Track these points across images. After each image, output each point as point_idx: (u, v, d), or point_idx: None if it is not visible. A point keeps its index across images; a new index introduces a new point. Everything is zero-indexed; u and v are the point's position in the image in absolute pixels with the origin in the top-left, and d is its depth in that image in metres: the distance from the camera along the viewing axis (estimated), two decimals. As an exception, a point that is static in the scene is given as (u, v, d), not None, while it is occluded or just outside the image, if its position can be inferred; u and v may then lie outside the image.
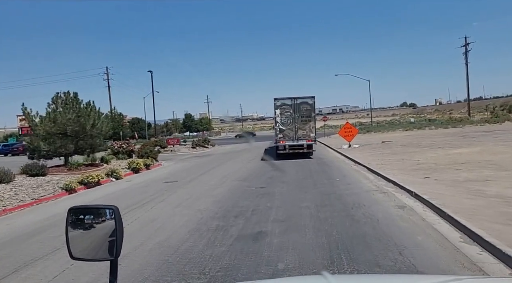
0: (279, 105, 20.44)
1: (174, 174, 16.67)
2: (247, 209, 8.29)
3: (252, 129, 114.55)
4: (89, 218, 1.61)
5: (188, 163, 22.75)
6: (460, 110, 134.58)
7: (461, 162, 12.80)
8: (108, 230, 1.55)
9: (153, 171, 19.26)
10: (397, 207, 7.76)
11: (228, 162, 21.22)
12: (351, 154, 19.60)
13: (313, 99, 20.50)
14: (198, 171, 17.04)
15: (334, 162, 17.56)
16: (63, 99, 16.68)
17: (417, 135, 31.69)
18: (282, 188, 11.03)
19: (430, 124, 43.32)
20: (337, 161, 18.23)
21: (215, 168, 18.33)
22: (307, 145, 20.24)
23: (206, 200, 9.74)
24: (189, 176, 15.30)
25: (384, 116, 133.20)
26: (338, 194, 9.56)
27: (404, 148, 20.39)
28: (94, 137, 16.69)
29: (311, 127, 20.32)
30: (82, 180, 13.59)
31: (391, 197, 8.79)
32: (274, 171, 15.19)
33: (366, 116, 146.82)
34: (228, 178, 13.95)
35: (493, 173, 10.25)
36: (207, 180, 13.68)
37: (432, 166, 12.43)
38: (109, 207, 1.57)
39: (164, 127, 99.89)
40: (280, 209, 8.19)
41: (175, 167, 20.19)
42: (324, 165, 16.38)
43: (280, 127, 20.45)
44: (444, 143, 21.32)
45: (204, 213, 8.12)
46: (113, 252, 1.52)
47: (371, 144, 25.37)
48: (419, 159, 14.55)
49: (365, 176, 12.51)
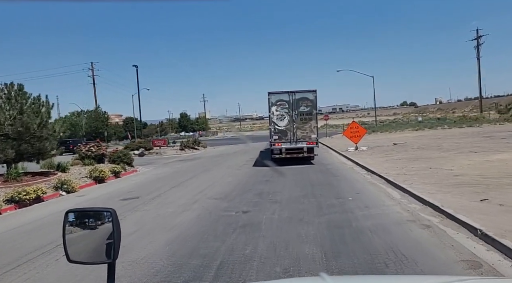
0: (275, 101, 17.15)
1: (142, 186, 13.42)
2: (211, 261, 5.05)
3: (250, 129, 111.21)
4: (87, 221, 1.63)
5: (169, 168, 19.49)
6: (464, 108, 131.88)
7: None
8: (106, 233, 1.54)
9: (122, 180, 15.99)
10: (466, 264, 4.51)
11: (214, 168, 17.95)
12: (361, 158, 16.36)
13: (314, 93, 17.14)
14: (173, 182, 13.77)
15: (341, 170, 14.31)
16: (5, 92, 13.41)
17: (431, 136, 28.36)
18: (273, 213, 7.78)
19: (442, 123, 39.94)
20: (344, 168, 14.97)
21: (196, 176, 15.07)
22: (307, 148, 16.96)
23: (157, 239, 6.47)
24: (158, 190, 12.05)
25: (385, 115, 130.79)
26: (356, 227, 6.32)
27: (424, 152, 17.14)
28: (43, 139, 13.38)
29: (312, 127, 17.02)
30: (13, 197, 10.33)
31: (443, 238, 5.54)
32: (265, 183, 11.94)
33: (367, 115, 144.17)
34: (204, 194, 10.68)
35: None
36: (177, 198, 10.41)
37: (478, 179, 9.18)
38: (106, 209, 1.57)
39: (159, 126, 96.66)
40: (266, 262, 4.94)
41: (150, 175, 16.91)
42: (329, 175, 13.13)
43: (275, 126, 17.16)
44: (471, 145, 18.05)
45: (133, 277, 4.83)
46: (111, 254, 1.52)
47: (381, 146, 22.12)
48: (453, 168, 11.30)
49: (386, 193, 9.27)
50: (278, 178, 13.04)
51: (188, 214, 8.21)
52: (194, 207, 8.91)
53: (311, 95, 17.13)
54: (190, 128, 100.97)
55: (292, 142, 16.97)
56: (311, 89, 17.28)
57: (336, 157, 19.75)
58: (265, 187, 11.08)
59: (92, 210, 1.67)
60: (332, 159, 18.79)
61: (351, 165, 15.52)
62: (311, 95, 17.12)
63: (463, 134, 27.29)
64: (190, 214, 8.20)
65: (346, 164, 16.12)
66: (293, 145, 17.00)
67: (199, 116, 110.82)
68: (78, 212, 1.66)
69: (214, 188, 11.64)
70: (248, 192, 10.46)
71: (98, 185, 14.50)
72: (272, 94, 17.20)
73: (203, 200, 9.72)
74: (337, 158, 18.98)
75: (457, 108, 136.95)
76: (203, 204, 9.18)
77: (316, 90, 17.20)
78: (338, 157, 19.37)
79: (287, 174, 13.85)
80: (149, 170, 19.42)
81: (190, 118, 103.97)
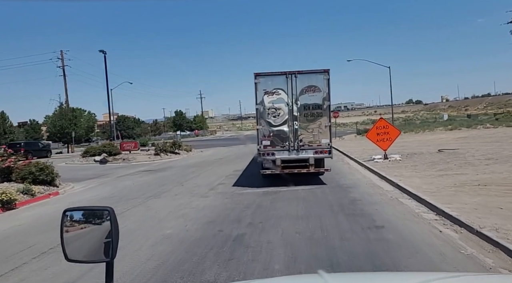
0: (266, 87, 10.87)
1: (16, 236, 7.12)
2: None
3: (252, 127, 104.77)
4: (85, 220, 1.61)
5: (111, 188, 13.19)
6: (477, 106, 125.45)
7: None
8: (104, 232, 1.54)
9: (12, 214, 9.72)
10: None
11: (171, 190, 11.57)
12: (404, 178, 10.00)
13: (326, 75, 10.76)
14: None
15: (380, 206, 7.83)
16: None
17: (479, 137, 21.75)
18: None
19: (479, 122, 32.99)
20: (383, 201, 8.46)
21: (122, 214, 8.69)
22: (315, 159, 10.77)
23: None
24: (31, 252, 5.79)
25: (394, 113, 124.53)
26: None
27: (503, 166, 10.70)
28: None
29: (322, 127, 10.77)
30: None
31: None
32: (234, 244, 5.55)
33: (374, 113, 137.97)
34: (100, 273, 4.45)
35: None
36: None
37: None
38: (105, 208, 1.56)
39: (153, 125, 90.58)
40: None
41: (61, 206, 10.55)
42: (361, 219, 6.69)
43: (266, 127, 10.90)
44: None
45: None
46: (109, 253, 1.51)
47: (419, 153, 15.69)
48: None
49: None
50: (263, 225, 6.67)
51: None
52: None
53: (321, 78, 10.81)
54: (186, 127, 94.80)
55: (291, 151, 10.85)
56: (320, 69, 10.90)
57: (359, 172, 13.27)
58: (236, 250, 4.88)
59: (90, 208, 1.67)
60: (354, 175, 12.34)
61: (392, 193, 9.04)
62: (321, 79, 10.80)
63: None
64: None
65: (383, 189, 9.63)
66: (293, 156, 10.85)
67: (197, 115, 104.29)
68: (76, 211, 1.64)
69: (135, 253, 5.32)
70: (200, 264, 4.32)
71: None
72: (261, 77, 10.94)
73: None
74: (362, 175, 12.51)
75: (469, 105, 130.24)
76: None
77: (329, 70, 10.81)
78: (363, 173, 12.90)
79: (282, 209, 7.62)
80: (81, 191, 13.14)
81: (186, 116, 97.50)
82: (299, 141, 10.71)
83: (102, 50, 30.14)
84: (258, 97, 10.83)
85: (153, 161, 23.98)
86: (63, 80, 36.91)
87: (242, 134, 73.02)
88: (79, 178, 16.21)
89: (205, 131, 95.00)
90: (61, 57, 36.80)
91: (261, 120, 10.87)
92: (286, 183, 10.34)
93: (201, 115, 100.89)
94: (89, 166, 22.93)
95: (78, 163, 24.20)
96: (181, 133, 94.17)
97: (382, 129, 14.73)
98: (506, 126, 28.07)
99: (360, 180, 11.23)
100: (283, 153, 10.77)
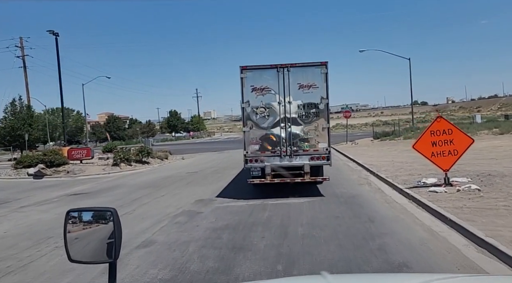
0: (253, 83, 9.17)
1: None
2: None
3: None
4: (88, 221, 1.58)
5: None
6: (490, 107, 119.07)
7: None
8: (107, 233, 1.51)
9: None
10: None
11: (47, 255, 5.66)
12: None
13: (324, 68, 9.13)
14: None
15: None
16: None
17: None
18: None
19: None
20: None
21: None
22: (311, 167, 9.17)
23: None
24: None
25: (401, 115, 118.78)
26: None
27: None
28: None
29: (319, 129, 9.17)
30: None
31: None
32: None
33: (380, 114, 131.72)
34: None
35: None
36: None
37: None
38: (108, 209, 1.54)
39: (146, 126, 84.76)
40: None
41: None
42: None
43: (254, 129, 9.19)
44: None
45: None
46: (112, 254, 1.49)
47: (499, 174, 9.66)
48: None
49: None
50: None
51: None
52: None
53: (318, 72, 9.13)
54: (182, 128, 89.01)
55: (283, 157, 9.29)
56: (317, 62, 9.20)
57: (411, 214, 7.06)
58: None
59: (93, 209, 1.63)
60: (410, 228, 6.26)
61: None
62: (318, 73, 9.13)
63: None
64: None
65: None
66: (285, 162, 9.26)
67: (194, 115, 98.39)
68: (79, 212, 1.62)
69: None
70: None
71: None
72: (249, 71, 9.24)
73: None
74: (420, 223, 6.36)
75: (482, 106, 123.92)
76: None
77: (327, 63, 9.14)
78: (421, 219, 6.67)
79: None
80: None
81: (182, 117, 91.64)
82: (293, 145, 9.24)
83: (52, 31, 24.12)
84: (245, 94, 9.30)
85: (107, 174, 18.08)
86: (23, 72, 31.09)
87: (241, 136, 67.62)
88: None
89: (201, 132, 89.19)
90: (20, 46, 31.02)
91: (248, 121, 9.34)
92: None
93: (197, 116, 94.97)
94: (12, 182, 17.07)
95: (4, 177, 18.29)
96: (176, 134, 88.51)
97: (442, 135, 8.75)
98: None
99: (431, 247, 5.21)
100: (274, 160, 9.33)
